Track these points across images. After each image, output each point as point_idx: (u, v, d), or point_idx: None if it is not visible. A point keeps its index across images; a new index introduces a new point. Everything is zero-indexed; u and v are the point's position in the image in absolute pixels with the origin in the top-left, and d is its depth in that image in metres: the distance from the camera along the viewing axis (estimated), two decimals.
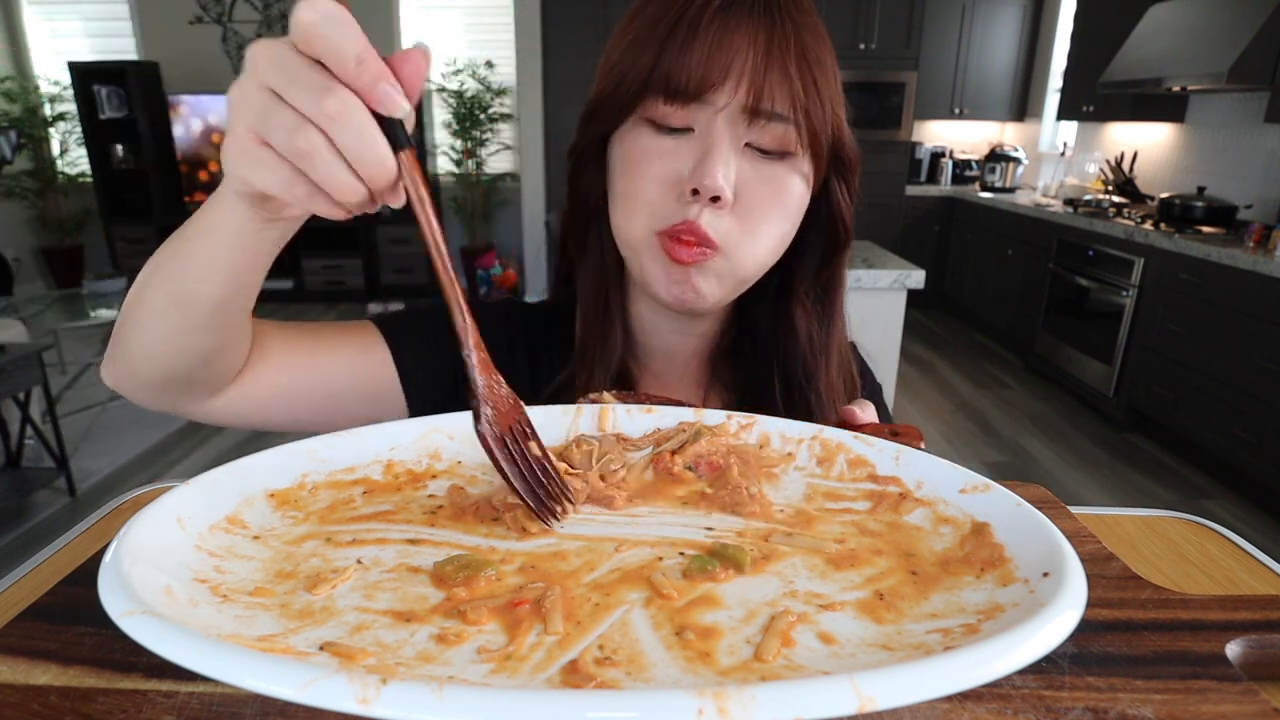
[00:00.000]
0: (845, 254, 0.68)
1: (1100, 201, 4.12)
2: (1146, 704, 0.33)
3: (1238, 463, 2.87)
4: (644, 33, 0.57)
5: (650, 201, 0.59)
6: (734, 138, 0.57)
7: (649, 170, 0.59)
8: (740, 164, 0.58)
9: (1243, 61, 3.04)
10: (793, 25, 0.56)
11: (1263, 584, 0.49)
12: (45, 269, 5.94)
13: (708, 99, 0.56)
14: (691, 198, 0.58)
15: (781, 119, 0.57)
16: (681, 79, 0.55)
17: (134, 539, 0.36)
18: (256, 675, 0.26)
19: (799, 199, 0.61)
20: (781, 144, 0.58)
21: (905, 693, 0.26)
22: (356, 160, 0.38)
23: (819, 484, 0.50)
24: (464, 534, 0.45)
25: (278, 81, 0.37)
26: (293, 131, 0.37)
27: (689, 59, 0.55)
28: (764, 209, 0.59)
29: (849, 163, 0.62)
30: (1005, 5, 5.32)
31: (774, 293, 0.69)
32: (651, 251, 0.61)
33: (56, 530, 2.58)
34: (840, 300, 0.69)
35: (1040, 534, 0.38)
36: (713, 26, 0.55)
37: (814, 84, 0.57)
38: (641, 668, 0.33)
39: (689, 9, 0.56)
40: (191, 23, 5.74)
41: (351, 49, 0.37)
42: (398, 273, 5.90)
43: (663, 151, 0.58)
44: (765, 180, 0.59)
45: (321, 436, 0.51)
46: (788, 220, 0.61)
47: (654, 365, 0.74)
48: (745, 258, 0.61)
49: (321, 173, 0.38)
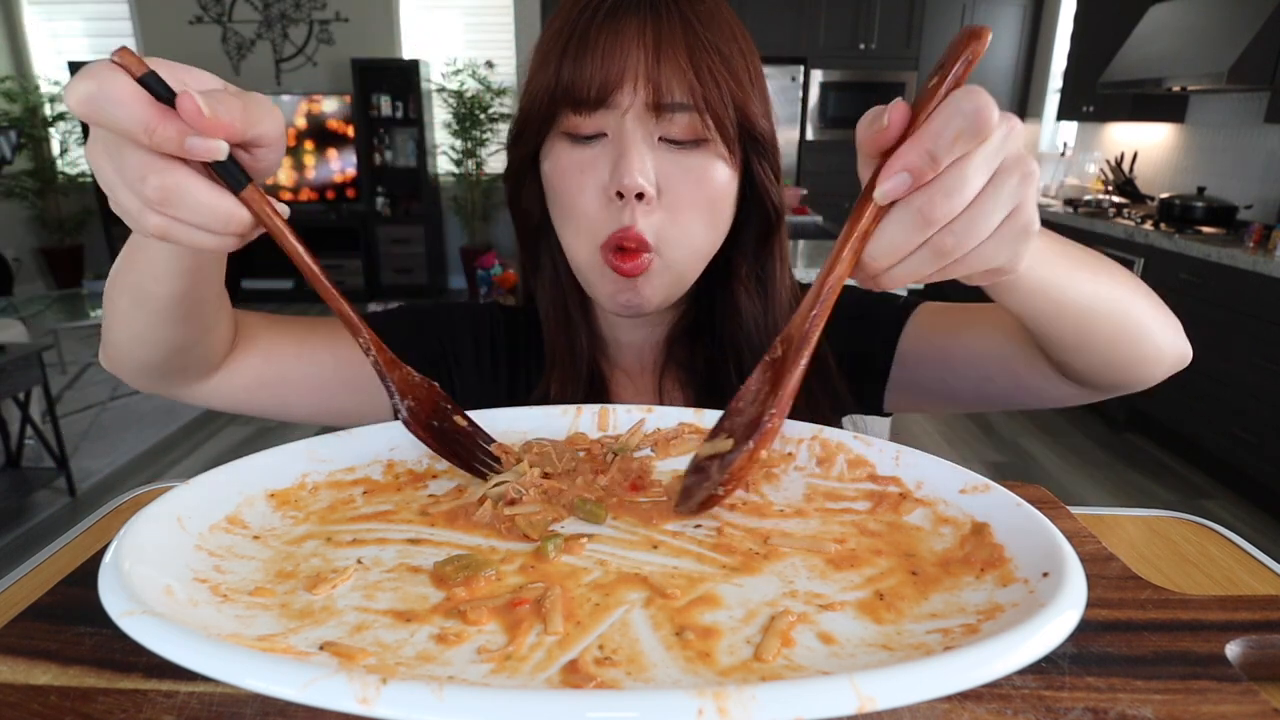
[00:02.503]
0: (779, 234, 0.69)
1: (1100, 201, 4.12)
2: (1146, 704, 0.33)
3: (1238, 463, 2.87)
4: (546, 50, 0.60)
5: (586, 215, 0.61)
6: (645, 135, 0.59)
7: (575, 184, 0.61)
8: (658, 159, 0.59)
9: (1243, 61, 3.04)
10: (679, 17, 0.58)
11: (1263, 584, 0.49)
12: (45, 269, 5.94)
13: (611, 103, 0.58)
14: (619, 201, 0.59)
15: (684, 108, 0.58)
16: (582, 89, 0.58)
17: (134, 539, 0.36)
18: (256, 675, 0.26)
19: (722, 184, 0.62)
20: (691, 132, 0.59)
21: (905, 693, 0.26)
22: (203, 226, 0.39)
23: (819, 484, 0.50)
24: (464, 534, 0.45)
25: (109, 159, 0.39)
26: (140, 215, 0.39)
27: (586, 68, 0.57)
28: (689, 199, 0.60)
29: (764, 141, 0.63)
30: (1005, 5, 5.32)
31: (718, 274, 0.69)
32: (598, 269, 0.63)
33: (56, 530, 2.58)
34: (778, 278, 0.70)
35: (1040, 534, 0.38)
36: (603, 33, 0.57)
37: (708, 70, 0.58)
38: (641, 668, 0.33)
39: (580, 20, 0.58)
40: (191, 23, 5.74)
41: (136, 123, 0.36)
42: (398, 273, 5.90)
43: (583, 163, 0.60)
44: (684, 171, 0.60)
45: (321, 436, 0.51)
46: (715, 207, 0.62)
47: (622, 360, 0.75)
48: (680, 251, 0.62)
49: (186, 241, 0.40)
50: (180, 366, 0.60)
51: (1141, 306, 0.54)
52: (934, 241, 0.37)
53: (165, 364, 0.59)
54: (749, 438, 0.45)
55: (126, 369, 0.61)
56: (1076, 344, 0.54)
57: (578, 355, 0.71)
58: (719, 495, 0.46)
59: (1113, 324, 0.53)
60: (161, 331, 0.55)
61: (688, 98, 0.57)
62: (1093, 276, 0.51)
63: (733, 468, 0.45)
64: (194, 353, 0.59)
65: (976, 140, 0.35)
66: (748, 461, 0.45)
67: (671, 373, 0.73)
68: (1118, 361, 0.56)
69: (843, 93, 5.30)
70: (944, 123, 0.35)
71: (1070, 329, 0.53)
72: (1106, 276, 0.52)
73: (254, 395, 0.67)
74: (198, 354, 0.60)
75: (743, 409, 0.48)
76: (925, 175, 0.35)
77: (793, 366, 0.43)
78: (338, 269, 5.82)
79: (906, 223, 0.37)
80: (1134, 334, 0.54)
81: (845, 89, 5.29)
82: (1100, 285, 0.51)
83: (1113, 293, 0.52)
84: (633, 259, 0.60)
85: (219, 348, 0.62)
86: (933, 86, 0.36)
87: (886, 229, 0.37)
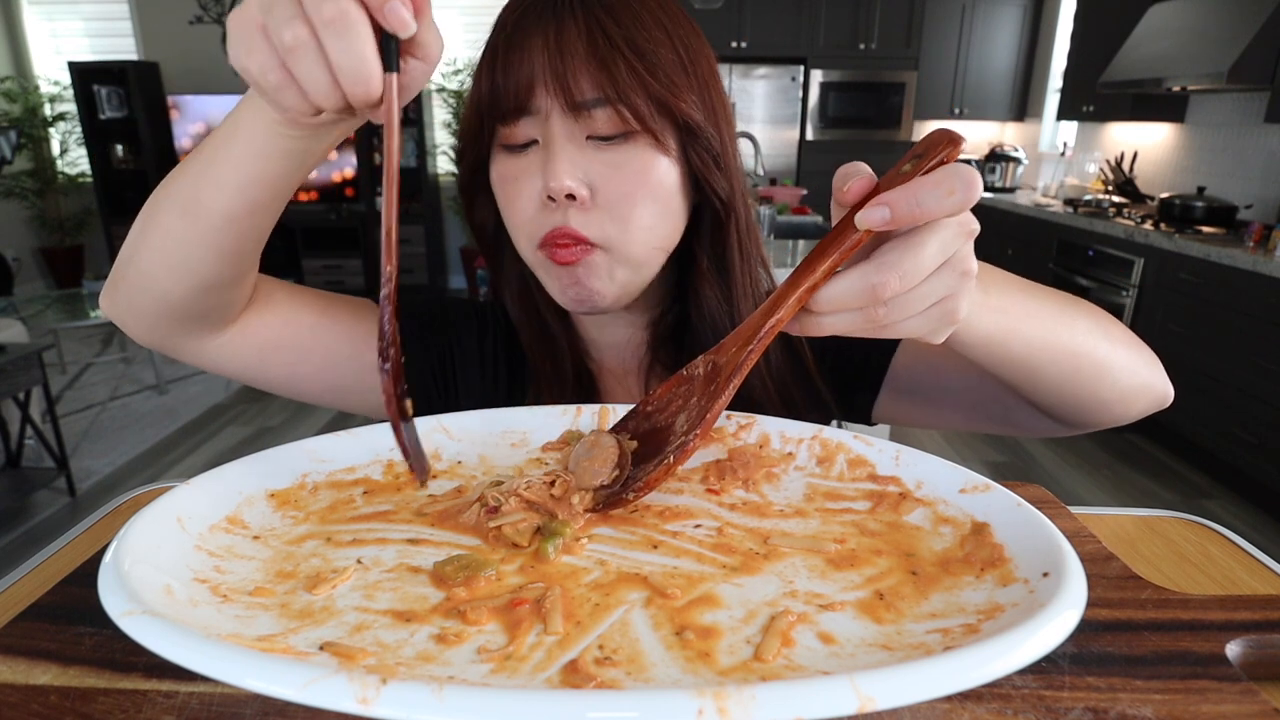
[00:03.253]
0: (731, 223, 0.67)
1: (1100, 201, 4.12)
2: (1146, 704, 0.33)
3: (1238, 463, 2.87)
4: (478, 67, 0.62)
5: (525, 220, 0.62)
6: (570, 136, 0.59)
7: (512, 191, 0.62)
8: (589, 159, 0.60)
9: (1243, 61, 3.04)
10: (584, 16, 0.58)
11: (1263, 584, 0.49)
12: (45, 269, 5.93)
13: (530, 109, 0.59)
14: (552, 205, 0.60)
15: (599, 103, 0.58)
16: (502, 99, 0.59)
17: (134, 539, 0.36)
18: (256, 675, 0.26)
19: (660, 175, 0.61)
20: (614, 126, 0.59)
21: (905, 693, 0.26)
22: (339, 70, 0.38)
23: (819, 484, 0.50)
24: (462, 535, 0.45)
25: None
26: (285, 23, 0.37)
27: (502, 79, 0.59)
28: (626, 193, 0.60)
29: (695, 128, 0.62)
30: (1005, 5, 5.32)
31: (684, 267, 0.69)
32: (543, 265, 0.63)
33: (56, 530, 2.58)
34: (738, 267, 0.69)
35: (1040, 534, 0.38)
36: (513, 44, 0.59)
37: (620, 63, 0.58)
38: (641, 668, 0.33)
39: (500, 35, 0.60)
40: (191, 23, 5.73)
41: None
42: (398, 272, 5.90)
43: (519, 171, 0.61)
44: (617, 166, 0.60)
45: (321, 436, 0.51)
46: (657, 198, 0.62)
47: (607, 360, 0.75)
48: (628, 246, 0.62)
49: (300, 69, 0.38)
50: (201, 311, 0.57)
51: (1102, 350, 0.55)
52: (868, 311, 0.40)
53: (187, 304, 0.56)
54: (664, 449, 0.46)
55: (135, 311, 0.57)
56: (1029, 388, 0.57)
57: (559, 358, 0.71)
58: (627, 499, 0.47)
59: (1060, 369, 0.54)
60: (201, 256, 0.52)
61: (598, 92, 0.58)
62: (1041, 324, 0.52)
63: (648, 478, 0.46)
64: (222, 295, 0.57)
65: (958, 208, 0.38)
66: (664, 475, 0.46)
67: (658, 374, 0.73)
68: (1075, 403, 0.57)
69: (843, 93, 5.30)
70: (938, 181, 0.38)
71: (1017, 376, 0.55)
72: (1056, 322, 0.53)
73: (265, 359, 0.64)
74: (224, 298, 0.57)
75: (652, 414, 0.49)
76: (903, 219, 0.38)
77: (719, 394, 0.45)
78: (337, 269, 5.83)
79: (856, 290, 0.40)
80: (1089, 376, 0.55)
81: (845, 89, 5.29)
82: (1049, 332, 0.52)
83: (1061, 338, 0.53)
84: (568, 248, 0.60)
85: (240, 298, 0.60)
86: (906, 171, 0.39)
87: (837, 286, 0.40)
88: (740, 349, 0.45)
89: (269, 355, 0.64)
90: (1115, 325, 0.58)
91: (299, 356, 0.66)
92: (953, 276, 0.41)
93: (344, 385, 0.69)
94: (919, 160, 0.40)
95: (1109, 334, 0.56)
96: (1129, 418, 0.60)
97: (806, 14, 5.13)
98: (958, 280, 0.41)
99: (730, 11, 4.98)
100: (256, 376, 0.66)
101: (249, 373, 0.65)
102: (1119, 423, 0.60)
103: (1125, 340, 0.58)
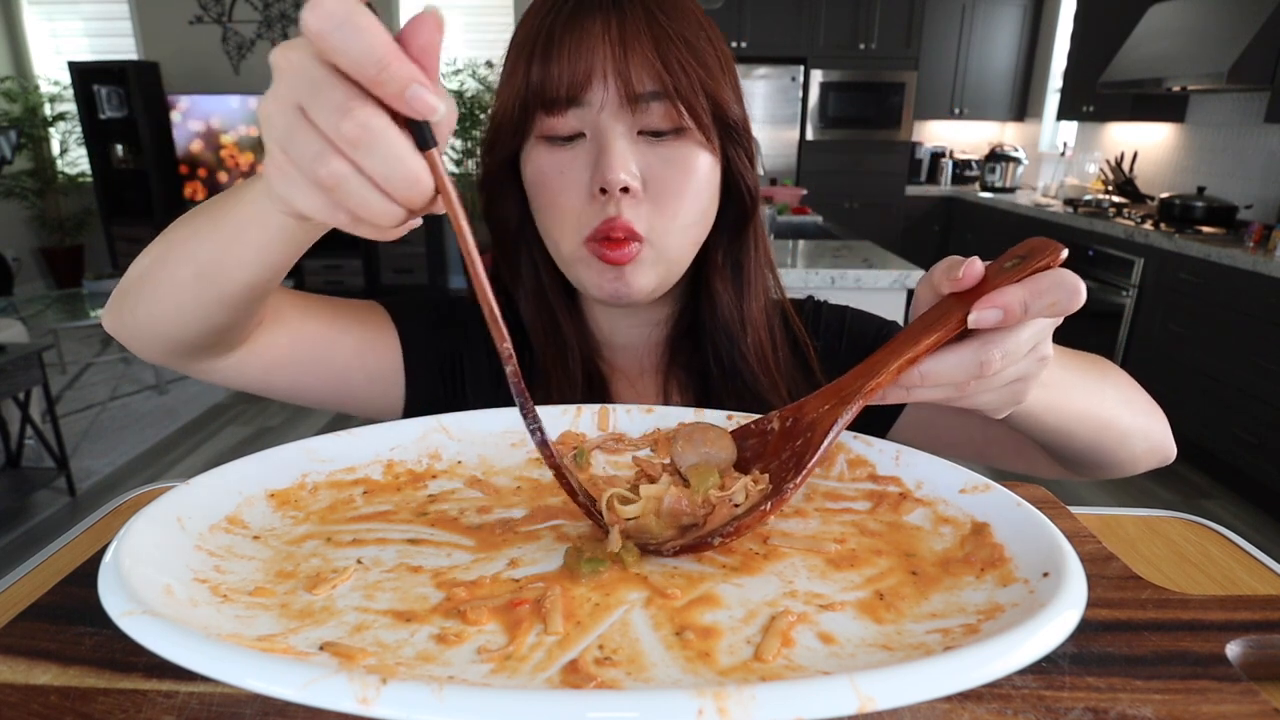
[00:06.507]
0: (754, 221, 0.69)
1: (1100, 201, 4.12)
2: (1146, 704, 0.33)
3: (1238, 463, 2.87)
4: (516, 56, 0.61)
5: (572, 211, 0.61)
6: (623, 129, 0.59)
7: (557, 185, 0.61)
8: (640, 152, 0.60)
9: (1243, 61, 3.04)
10: (643, 10, 0.58)
11: (1263, 584, 0.49)
12: (45, 269, 5.93)
13: (584, 101, 0.58)
14: (603, 198, 0.59)
15: (657, 96, 0.58)
16: (554, 89, 0.58)
17: (134, 539, 0.36)
18: (256, 675, 0.26)
19: (705, 172, 0.62)
20: (669, 121, 0.59)
21: (905, 693, 0.26)
22: (386, 185, 0.35)
23: (819, 484, 0.50)
24: (464, 535, 0.45)
25: (300, 97, 0.34)
26: (316, 160, 0.34)
27: (555, 69, 0.58)
28: (674, 189, 0.61)
29: (737, 127, 0.63)
30: (1005, 5, 5.32)
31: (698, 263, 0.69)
32: (585, 260, 0.63)
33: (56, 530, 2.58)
34: (752, 265, 0.70)
35: (1040, 534, 0.38)
36: (569, 32, 0.58)
37: (676, 59, 0.58)
38: (641, 668, 0.33)
39: (546, 22, 0.59)
40: (191, 23, 5.73)
41: (371, 55, 0.32)
42: (398, 273, 5.90)
43: (564, 164, 0.60)
44: (667, 161, 0.60)
45: (321, 436, 0.51)
46: (701, 195, 0.62)
47: (619, 362, 0.74)
48: (670, 240, 0.62)
49: (353, 202, 0.35)
50: (210, 345, 0.57)
51: (1125, 419, 0.58)
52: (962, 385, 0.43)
53: (196, 342, 0.55)
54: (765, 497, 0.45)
55: (142, 340, 0.57)
56: (1053, 449, 0.60)
57: (569, 358, 0.70)
58: (712, 544, 0.43)
59: (1087, 437, 0.57)
60: (213, 314, 0.52)
61: (659, 86, 0.58)
62: (1080, 396, 0.54)
63: (739, 524, 0.43)
64: (228, 336, 0.57)
65: (1060, 314, 0.40)
66: (756, 522, 0.43)
67: (677, 375, 0.72)
68: (1093, 461, 0.61)
69: (843, 93, 5.30)
70: (1047, 287, 0.40)
71: (1045, 439, 0.57)
72: (1090, 394, 0.55)
73: (270, 376, 0.64)
74: (231, 337, 0.57)
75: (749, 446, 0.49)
76: (1014, 319, 0.40)
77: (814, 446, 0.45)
78: (337, 269, 5.83)
79: (966, 367, 0.42)
80: (1112, 443, 0.58)
81: (845, 89, 5.29)
82: (1085, 407, 0.55)
83: (1093, 409, 0.55)
84: (621, 247, 0.60)
85: (254, 327, 0.60)
86: (1010, 268, 0.41)
87: (948, 359, 0.42)
88: (835, 406, 0.45)
89: (277, 370, 0.64)
90: (1136, 391, 0.61)
91: (307, 369, 0.66)
92: (1033, 360, 0.43)
93: (350, 393, 0.69)
94: (1022, 261, 0.41)
95: (1132, 403, 0.60)
96: (1134, 472, 0.63)
97: (806, 14, 5.13)
98: (1036, 365, 0.43)
99: (730, 11, 4.98)
100: (265, 389, 0.66)
101: (253, 386, 0.65)
102: (1127, 474, 0.63)
103: (1145, 409, 0.61)
